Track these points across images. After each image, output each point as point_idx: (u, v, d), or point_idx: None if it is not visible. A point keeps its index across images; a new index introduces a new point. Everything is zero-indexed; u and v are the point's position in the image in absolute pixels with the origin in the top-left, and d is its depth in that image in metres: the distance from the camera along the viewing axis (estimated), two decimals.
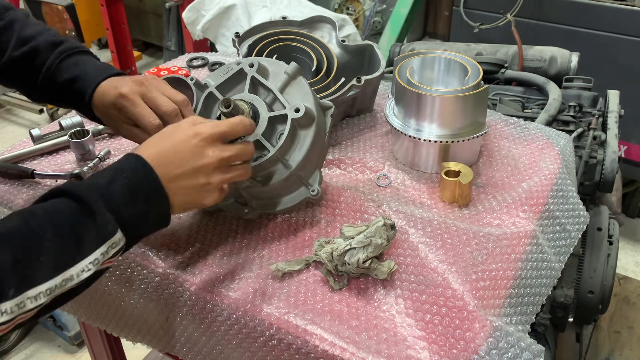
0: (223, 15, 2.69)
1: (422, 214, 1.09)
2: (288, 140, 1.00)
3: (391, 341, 0.86)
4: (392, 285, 0.95)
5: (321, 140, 1.05)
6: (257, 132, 1.01)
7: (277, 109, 1.04)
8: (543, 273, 1.05)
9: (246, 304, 0.93)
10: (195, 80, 1.10)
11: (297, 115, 0.99)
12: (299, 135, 1.02)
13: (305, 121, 1.01)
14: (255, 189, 1.03)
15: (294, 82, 1.05)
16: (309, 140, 1.01)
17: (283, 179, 1.01)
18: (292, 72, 1.05)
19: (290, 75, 1.05)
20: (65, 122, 1.35)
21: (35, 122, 3.88)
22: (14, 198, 1.18)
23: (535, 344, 0.87)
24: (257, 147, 1.02)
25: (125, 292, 1.07)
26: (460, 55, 1.27)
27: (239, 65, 1.07)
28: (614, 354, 2.07)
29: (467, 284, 0.93)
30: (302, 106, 1.00)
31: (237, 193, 1.05)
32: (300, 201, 1.07)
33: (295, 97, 1.04)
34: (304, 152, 1.01)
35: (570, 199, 1.20)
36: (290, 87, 1.05)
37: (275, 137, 1.03)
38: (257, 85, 1.06)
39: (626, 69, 2.46)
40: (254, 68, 1.05)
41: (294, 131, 1.01)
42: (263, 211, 1.08)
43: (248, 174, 0.96)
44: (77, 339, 2.30)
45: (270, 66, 1.07)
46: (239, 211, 1.07)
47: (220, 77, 1.08)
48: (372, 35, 3.44)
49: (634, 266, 2.66)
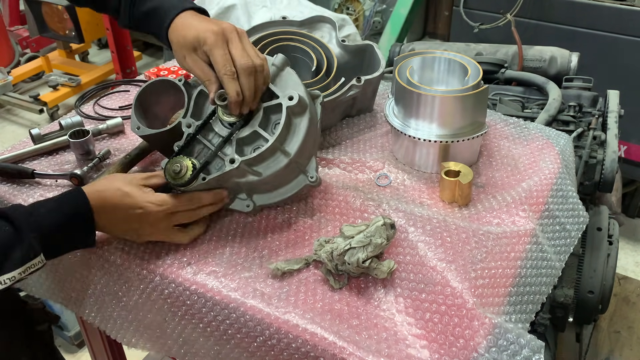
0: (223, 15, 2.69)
1: (422, 212, 1.09)
2: (285, 129, 1.03)
3: (391, 340, 0.86)
4: (391, 285, 0.95)
5: (314, 127, 1.08)
6: (253, 123, 1.04)
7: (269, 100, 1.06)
8: (543, 272, 1.05)
9: (245, 303, 0.93)
10: (184, 81, 1.12)
11: (291, 103, 1.02)
12: (293, 123, 1.04)
13: (299, 109, 1.04)
14: (255, 181, 1.03)
15: (283, 73, 1.08)
16: (304, 127, 1.04)
17: (282, 167, 1.03)
18: (280, 64, 1.08)
19: (279, 66, 1.08)
20: (65, 122, 1.36)
21: (35, 122, 3.88)
22: (14, 198, 1.18)
23: (535, 340, 0.87)
24: (255, 139, 1.04)
25: (124, 292, 1.07)
26: (460, 55, 1.27)
27: None
28: (614, 354, 2.07)
29: (466, 282, 0.93)
30: (295, 94, 1.02)
31: (237, 188, 1.05)
32: (299, 189, 1.08)
33: (286, 87, 1.06)
34: (300, 139, 1.03)
35: (570, 199, 1.20)
36: (280, 78, 1.08)
37: (270, 128, 1.05)
38: None
39: (626, 69, 2.46)
40: None
41: (289, 119, 1.03)
42: (264, 204, 1.08)
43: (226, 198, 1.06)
44: (77, 339, 2.30)
45: None
46: (240, 207, 1.07)
47: None
48: (372, 35, 3.44)
49: (634, 266, 2.66)
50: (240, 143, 1.04)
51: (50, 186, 1.21)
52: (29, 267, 0.88)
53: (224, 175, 1.01)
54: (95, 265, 1.09)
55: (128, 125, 1.41)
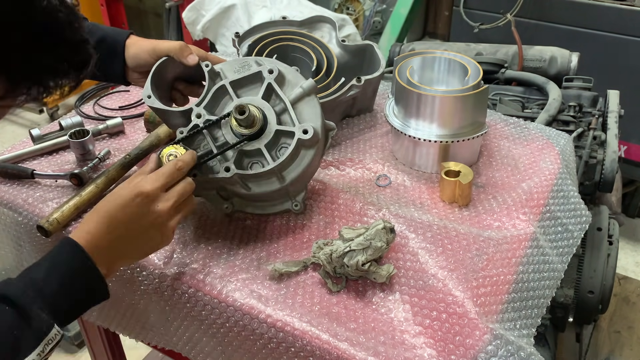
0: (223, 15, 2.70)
1: (422, 218, 1.08)
2: (289, 158, 1.00)
3: (389, 344, 0.86)
4: (390, 289, 0.95)
5: (318, 159, 1.07)
6: (261, 140, 1.01)
7: (285, 120, 1.03)
8: (545, 275, 1.04)
9: (244, 306, 0.93)
10: (211, 67, 1.08)
11: (304, 136, 0.99)
12: (300, 153, 1.02)
13: (310, 143, 1.01)
14: (242, 191, 1.03)
15: (308, 99, 1.05)
16: (307, 160, 1.02)
17: (272, 190, 1.02)
18: (308, 88, 1.04)
19: (306, 90, 1.04)
20: (65, 122, 1.35)
21: (35, 122, 3.87)
22: (14, 198, 1.18)
23: (537, 355, 0.87)
24: (257, 155, 1.02)
25: (126, 292, 1.07)
26: (460, 55, 1.27)
27: (259, 68, 1.05)
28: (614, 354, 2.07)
29: (468, 290, 0.93)
30: (310, 128, 1.00)
31: (219, 186, 1.05)
32: (281, 211, 1.08)
33: (305, 114, 1.04)
34: (300, 170, 1.02)
35: (571, 199, 1.20)
36: (303, 102, 1.04)
37: (277, 149, 1.03)
38: (271, 92, 1.05)
39: (626, 69, 2.46)
40: (272, 75, 1.04)
41: (297, 150, 1.01)
42: (241, 210, 1.08)
43: (194, 206, 0.98)
44: (77, 339, 2.30)
45: (288, 75, 1.06)
46: (218, 203, 1.06)
47: (235, 72, 1.07)
48: (372, 35, 3.44)
49: (634, 266, 2.66)
50: (241, 153, 1.02)
51: (50, 186, 1.21)
52: (47, 344, 0.78)
53: (214, 178, 1.01)
54: None
55: (128, 125, 1.41)
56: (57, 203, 1.15)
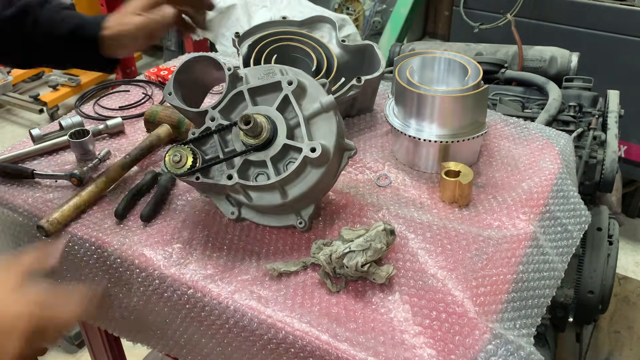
0: (223, 15, 2.70)
1: (422, 218, 1.08)
2: (293, 174, 0.98)
3: (389, 344, 0.86)
4: (390, 289, 0.95)
5: (328, 180, 1.04)
6: (268, 152, 1.00)
7: (298, 134, 1.01)
8: (545, 275, 1.04)
9: (243, 306, 0.93)
10: (233, 70, 1.06)
11: (311, 155, 0.96)
12: (306, 171, 0.99)
13: (318, 162, 0.98)
14: (245, 200, 1.02)
15: (325, 115, 1.01)
16: (314, 179, 0.99)
17: (274, 205, 1.00)
18: (326, 105, 1.01)
19: (324, 107, 1.01)
20: (65, 122, 1.35)
21: (35, 122, 3.88)
22: (14, 198, 1.18)
23: (536, 354, 0.87)
24: (262, 166, 1.01)
25: (125, 293, 1.07)
26: (460, 55, 1.27)
27: (280, 77, 1.03)
28: (614, 354, 2.07)
29: (467, 290, 0.93)
30: (319, 147, 0.96)
31: (227, 193, 1.04)
32: (285, 225, 1.06)
33: (319, 131, 1.01)
34: (304, 189, 0.99)
35: (571, 199, 1.20)
36: (319, 118, 1.01)
37: (284, 162, 1.01)
38: (287, 104, 1.03)
39: (626, 69, 2.46)
40: (291, 87, 1.02)
41: (303, 167, 0.98)
42: (248, 218, 1.06)
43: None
44: (77, 339, 2.30)
45: (310, 88, 1.03)
46: (225, 210, 1.06)
47: (259, 79, 1.05)
48: (372, 35, 3.44)
49: (634, 266, 2.66)
50: (247, 162, 1.01)
51: (50, 186, 1.21)
52: None
53: (217, 184, 1.00)
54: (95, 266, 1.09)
55: (128, 125, 1.41)
56: (57, 203, 1.15)
